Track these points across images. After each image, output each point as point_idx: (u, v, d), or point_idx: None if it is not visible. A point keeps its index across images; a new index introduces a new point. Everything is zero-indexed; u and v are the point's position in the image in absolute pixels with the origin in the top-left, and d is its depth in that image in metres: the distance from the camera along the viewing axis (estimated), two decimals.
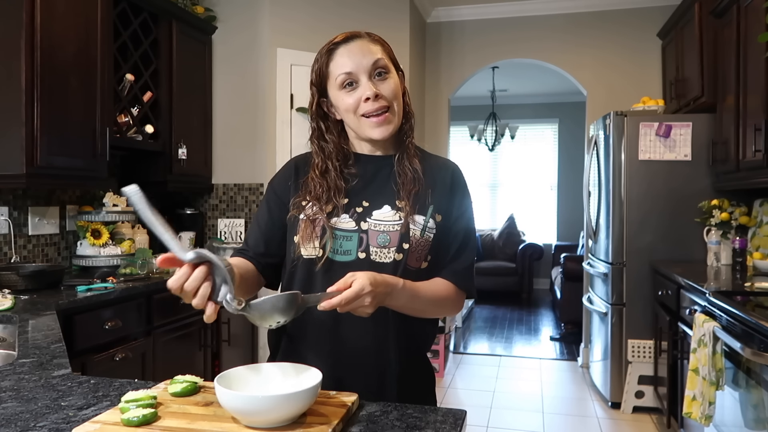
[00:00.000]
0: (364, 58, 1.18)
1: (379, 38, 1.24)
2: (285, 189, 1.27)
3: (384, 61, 1.20)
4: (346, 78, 1.18)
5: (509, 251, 7.84)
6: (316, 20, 3.90)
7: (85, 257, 2.96)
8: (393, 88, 1.20)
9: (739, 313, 2.04)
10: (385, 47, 1.23)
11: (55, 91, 2.54)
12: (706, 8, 3.45)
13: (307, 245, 1.19)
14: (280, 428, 0.88)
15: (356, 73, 1.18)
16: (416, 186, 1.21)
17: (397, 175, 1.22)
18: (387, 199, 1.21)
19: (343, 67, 1.18)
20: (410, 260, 1.19)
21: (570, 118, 8.04)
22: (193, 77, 3.67)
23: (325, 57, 1.20)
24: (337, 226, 1.19)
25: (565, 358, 4.95)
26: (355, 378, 1.17)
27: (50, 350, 1.43)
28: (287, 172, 1.30)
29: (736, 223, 3.29)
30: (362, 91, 1.17)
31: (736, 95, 3.04)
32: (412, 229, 1.18)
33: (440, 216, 1.23)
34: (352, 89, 1.18)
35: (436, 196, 1.22)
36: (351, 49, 1.18)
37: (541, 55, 4.78)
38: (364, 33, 1.21)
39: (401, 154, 1.24)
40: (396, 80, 1.22)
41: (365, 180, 1.24)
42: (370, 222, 1.19)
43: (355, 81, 1.18)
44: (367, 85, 1.17)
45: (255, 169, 3.82)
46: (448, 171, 1.28)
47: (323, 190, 1.21)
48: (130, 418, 0.88)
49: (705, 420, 2.19)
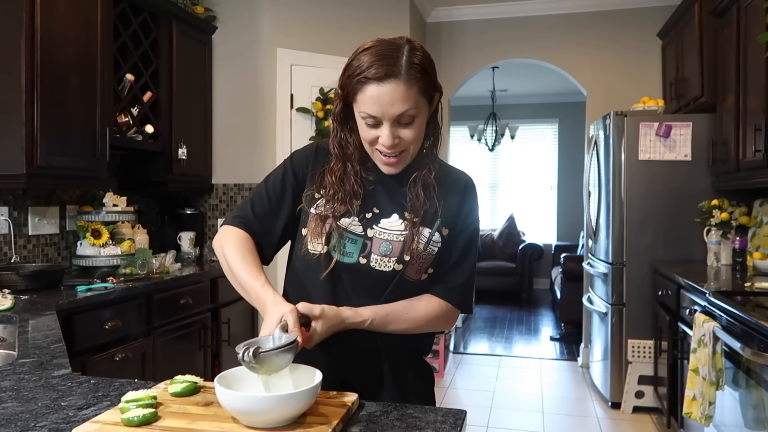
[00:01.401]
0: (392, 107, 1.08)
1: (420, 74, 1.09)
2: (303, 173, 1.25)
3: (413, 110, 1.10)
4: (369, 118, 1.11)
5: (509, 251, 7.84)
6: (316, 20, 3.90)
7: (85, 257, 2.95)
8: (414, 136, 1.13)
9: (739, 313, 2.04)
10: (422, 84, 1.10)
11: (55, 91, 2.54)
12: (706, 8, 3.45)
13: (314, 241, 1.19)
14: (280, 428, 0.88)
15: (380, 118, 1.10)
16: (427, 204, 1.19)
17: (410, 193, 1.20)
18: (397, 209, 1.20)
19: (369, 109, 1.10)
20: (409, 272, 1.18)
21: (570, 118, 8.04)
22: (193, 77, 3.67)
23: (356, 84, 1.10)
24: (346, 227, 1.18)
25: (565, 358, 4.95)
26: (353, 380, 1.17)
27: (50, 350, 1.43)
28: (308, 157, 1.26)
29: (736, 223, 3.29)
30: (382, 133, 1.12)
31: (736, 95, 3.04)
32: (415, 242, 1.17)
33: (447, 230, 1.22)
34: (373, 127, 1.13)
35: (445, 210, 1.21)
36: (382, 93, 1.08)
37: (541, 55, 4.78)
38: (405, 66, 1.08)
39: (419, 173, 1.20)
40: (420, 123, 1.14)
41: (381, 186, 1.22)
42: (376, 229, 1.19)
43: (378, 123, 1.11)
44: (387, 131, 1.11)
45: (255, 169, 3.82)
46: (461, 185, 1.26)
47: (338, 196, 1.18)
48: (131, 417, 0.88)
49: (705, 420, 2.19)
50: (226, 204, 3.90)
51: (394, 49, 1.10)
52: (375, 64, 1.08)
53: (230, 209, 3.89)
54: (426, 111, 1.15)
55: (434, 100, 1.16)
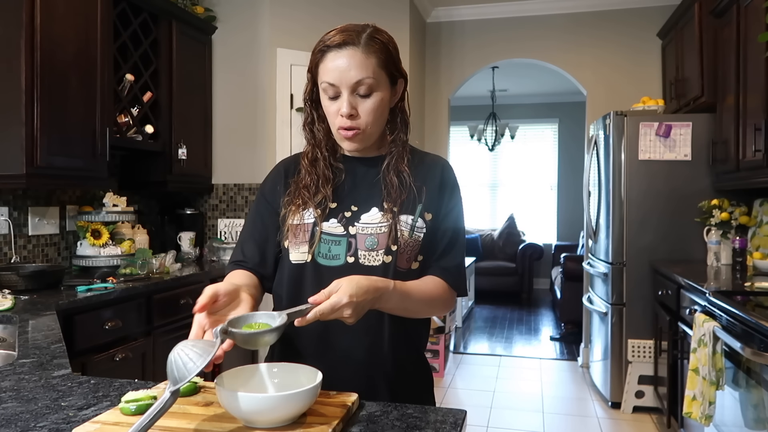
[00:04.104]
0: (349, 73, 1.12)
1: (379, 46, 1.15)
2: (275, 194, 1.27)
3: (370, 80, 1.13)
4: (329, 87, 1.14)
5: (509, 251, 7.84)
6: (316, 20, 3.90)
7: (85, 257, 2.95)
8: (372, 108, 1.15)
9: (739, 312, 2.04)
10: (382, 56, 1.15)
11: (55, 91, 2.54)
12: (706, 8, 3.45)
13: (296, 250, 1.19)
14: (280, 428, 0.88)
15: (339, 86, 1.13)
16: (403, 191, 1.20)
17: (384, 182, 1.21)
18: (375, 202, 1.21)
19: (328, 76, 1.14)
20: (399, 262, 1.18)
21: (570, 118, 8.04)
22: (193, 77, 3.67)
23: (318, 55, 1.16)
24: (326, 231, 1.19)
25: (565, 358, 4.95)
26: (350, 380, 1.16)
27: (50, 350, 1.43)
28: (276, 177, 1.30)
29: (736, 223, 3.29)
30: (340, 104, 1.15)
31: (736, 95, 3.04)
32: (399, 230, 1.18)
33: (430, 215, 1.22)
34: (333, 98, 1.16)
35: (425, 195, 1.21)
36: (340, 58, 1.12)
37: (541, 55, 4.78)
38: (364, 38, 1.13)
39: (390, 160, 1.21)
40: (380, 99, 1.16)
41: (354, 181, 1.23)
42: (358, 226, 1.19)
43: (337, 92, 1.14)
44: (346, 100, 1.13)
45: (255, 169, 3.82)
46: (438, 168, 1.26)
47: (312, 180, 1.21)
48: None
49: (705, 420, 2.19)
50: (226, 204, 3.90)
51: (354, 25, 1.16)
52: (337, 35, 1.14)
53: (230, 209, 3.89)
54: (387, 89, 1.17)
55: (398, 83, 1.21)
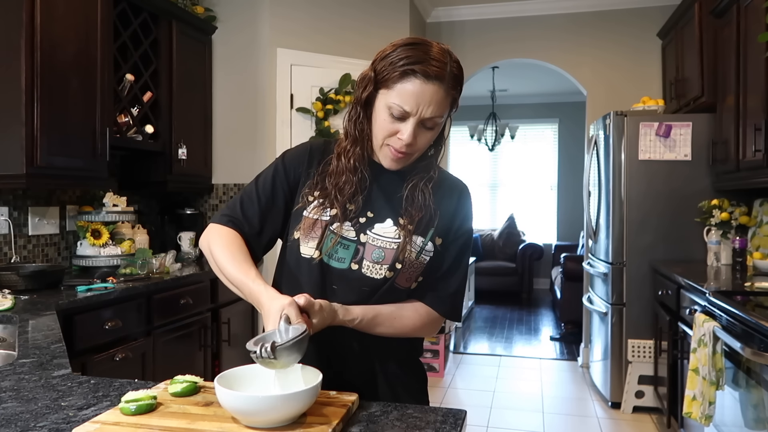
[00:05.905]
0: (428, 108, 1.09)
1: (459, 85, 1.14)
2: (296, 172, 1.23)
3: (439, 119, 1.13)
4: (397, 108, 1.10)
5: (509, 251, 7.84)
6: (316, 20, 3.90)
7: (85, 257, 2.95)
8: (429, 139, 1.15)
9: (739, 313, 2.04)
10: (457, 96, 1.15)
11: (55, 91, 2.54)
12: (706, 8, 3.45)
13: (305, 244, 1.18)
14: (280, 428, 0.88)
15: (410, 114, 1.10)
16: (422, 212, 1.18)
17: (407, 199, 1.19)
18: (391, 214, 1.19)
19: (404, 101, 1.09)
20: (400, 279, 1.18)
21: (570, 118, 8.04)
22: (193, 77, 3.67)
23: (400, 72, 1.09)
24: (338, 232, 1.17)
25: (565, 358, 4.95)
26: (347, 378, 1.17)
27: (50, 350, 1.43)
28: (301, 156, 1.24)
29: (736, 223, 3.29)
30: (403, 129, 1.11)
31: (736, 95, 3.04)
32: (408, 251, 1.16)
33: (440, 240, 1.21)
34: (397, 120, 1.12)
35: (439, 220, 1.20)
36: (425, 91, 1.09)
37: (541, 55, 4.78)
38: (449, 75, 1.11)
39: (417, 179, 1.19)
40: (438, 130, 1.16)
41: (376, 188, 1.21)
42: (369, 235, 1.18)
43: (405, 117, 1.11)
44: (411, 129, 1.11)
45: (255, 169, 3.75)
46: (455, 195, 1.25)
47: (347, 187, 1.17)
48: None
49: (705, 420, 2.19)
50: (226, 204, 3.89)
51: (441, 53, 1.12)
52: (427, 61, 1.09)
53: None
54: (438, 128, 1.17)
55: (452, 113, 1.19)
